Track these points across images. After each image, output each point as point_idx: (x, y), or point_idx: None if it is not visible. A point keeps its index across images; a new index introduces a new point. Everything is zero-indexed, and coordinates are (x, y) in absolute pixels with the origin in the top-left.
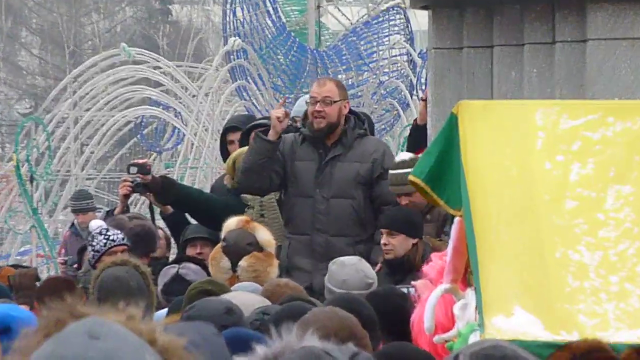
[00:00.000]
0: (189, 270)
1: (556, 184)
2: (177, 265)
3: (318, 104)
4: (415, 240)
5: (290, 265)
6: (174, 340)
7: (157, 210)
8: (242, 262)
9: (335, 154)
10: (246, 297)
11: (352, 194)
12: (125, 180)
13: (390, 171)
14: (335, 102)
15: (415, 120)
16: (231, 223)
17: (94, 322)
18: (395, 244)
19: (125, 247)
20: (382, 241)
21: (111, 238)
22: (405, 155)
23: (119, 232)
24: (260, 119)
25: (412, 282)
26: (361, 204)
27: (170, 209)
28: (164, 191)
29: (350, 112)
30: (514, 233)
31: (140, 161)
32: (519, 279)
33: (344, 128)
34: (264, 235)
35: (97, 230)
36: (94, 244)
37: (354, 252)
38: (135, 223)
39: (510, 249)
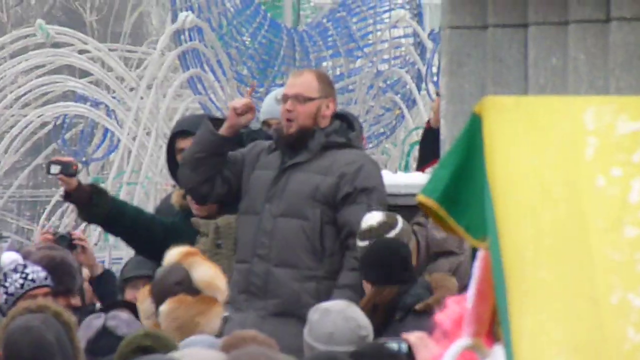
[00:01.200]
0: (120, 321)
1: (612, 206)
2: (103, 315)
3: (289, 102)
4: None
5: (229, 303)
6: None
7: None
8: (163, 306)
9: (296, 161)
10: (201, 356)
11: (305, 214)
12: (45, 232)
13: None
14: (310, 99)
15: (428, 122)
16: (172, 255)
17: None
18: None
19: (49, 289)
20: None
21: (30, 277)
22: (376, 218)
23: (40, 268)
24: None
25: (404, 335)
26: (316, 229)
27: (98, 269)
28: (92, 205)
29: (339, 115)
30: (556, 271)
31: (64, 159)
32: (563, 333)
33: (314, 129)
34: (203, 273)
35: (12, 266)
36: (7, 284)
37: (300, 290)
38: (42, 254)
39: (551, 292)
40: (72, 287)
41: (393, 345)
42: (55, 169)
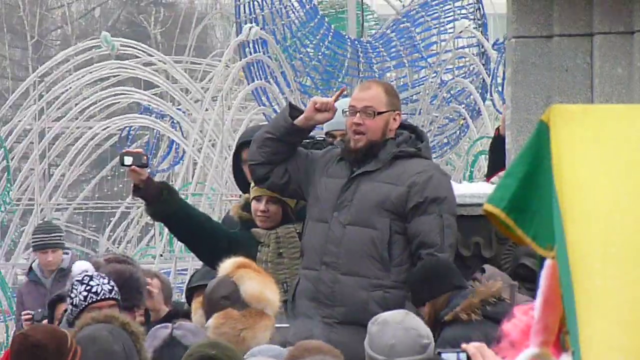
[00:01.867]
0: (186, 330)
1: None
2: (170, 325)
3: (358, 115)
4: (425, 308)
5: (293, 309)
6: None
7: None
8: (210, 321)
9: (366, 170)
10: None
11: (374, 223)
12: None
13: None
14: (380, 113)
15: (497, 129)
16: (224, 267)
17: None
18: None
19: (115, 302)
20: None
21: (94, 290)
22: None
23: (106, 281)
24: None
25: (463, 346)
26: (385, 238)
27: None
28: (161, 201)
29: (404, 126)
30: (626, 279)
31: (134, 150)
32: (631, 341)
33: (386, 139)
34: (252, 286)
35: (80, 277)
36: (73, 295)
37: (367, 299)
38: (111, 268)
39: (619, 300)
40: (138, 303)
41: (451, 355)
42: (128, 160)
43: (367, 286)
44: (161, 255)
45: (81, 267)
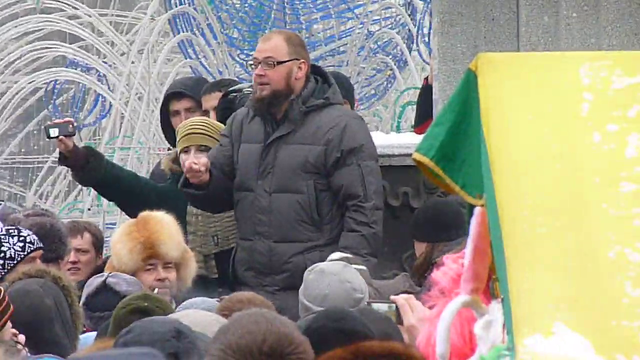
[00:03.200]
0: (120, 279)
1: (608, 161)
2: (105, 273)
3: (259, 66)
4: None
5: (235, 279)
6: None
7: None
8: None
9: (281, 134)
10: (199, 317)
11: (299, 187)
12: None
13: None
14: (281, 62)
15: (426, 79)
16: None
17: None
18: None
19: (42, 251)
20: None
21: (28, 240)
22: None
23: (31, 232)
24: (229, 80)
25: (392, 297)
26: (312, 200)
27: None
28: (88, 168)
29: (317, 72)
30: (553, 227)
31: (60, 120)
32: (561, 288)
33: (291, 99)
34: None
35: (5, 230)
36: (5, 249)
37: (304, 262)
38: (32, 221)
39: (549, 247)
40: (62, 253)
41: (382, 306)
42: (54, 132)
43: (302, 250)
44: (89, 209)
45: None
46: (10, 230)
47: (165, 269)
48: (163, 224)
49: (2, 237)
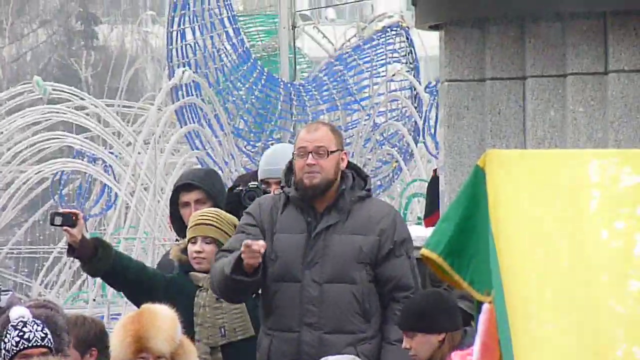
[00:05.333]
0: None
1: (616, 259)
2: None
3: (310, 156)
4: (440, 336)
5: None
6: None
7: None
8: None
9: (330, 223)
10: None
11: (352, 277)
12: None
13: None
14: (331, 152)
15: (435, 170)
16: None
17: None
18: (416, 346)
19: (47, 350)
20: (403, 345)
21: (26, 337)
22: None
23: (40, 328)
24: (246, 178)
25: None
26: (364, 290)
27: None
28: (96, 258)
29: (348, 165)
30: (561, 324)
31: (65, 210)
32: None
33: (342, 189)
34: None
35: (14, 323)
36: (6, 340)
37: (357, 354)
38: (32, 313)
39: (557, 343)
40: (61, 346)
41: None
42: (58, 220)
43: (353, 341)
44: (94, 300)
45: (17, 312)
46: (18, 324)
47: None
48: (157, 317)
49: (9, 329)
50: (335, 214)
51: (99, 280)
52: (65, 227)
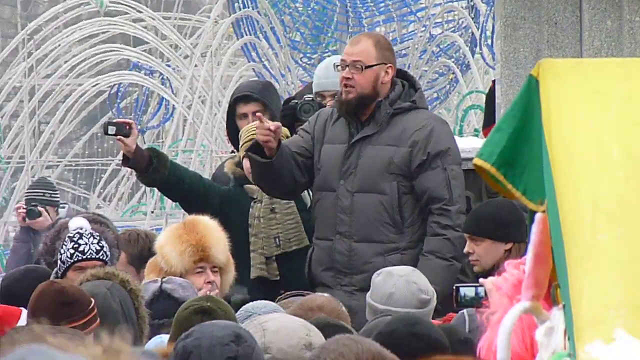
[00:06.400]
0: (176, 284)
1: None
2: (159, 279)
3: (347, 69)
4: (507, 245)
5: (311, 279)
6: None
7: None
8: None
9: (365, 135)
10: (286, 321)
11: (382, 188)
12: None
13: None
14: (369, 67)
15: (494, 81)
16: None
17: (31, 354)
18: (481, 252)
19: (102, 263)
20: (465, 249)
21: (81, 249)
22: None
23: (97, 240)
24: (305, 91)
25: (481, 280)
26: (394, 201)
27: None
28: (151, 169)
29: (403, 76)
30: (616, 232)
31: (119, 120)
32: (623, 294)
33: (379, 101)
34: None
35: (72, 234)
36: (62, 252)
37: (384, 264)
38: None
39: (611, 253)
40: (110, 261)
41: (469, 290)
42: (111, 129)
43: (382, 251)
44: (152, 212)
45: (76, 223)
46: (75, 236)
47: (213, 273)
48: (211, 228)
49: (66, 240)
50: (373, 125)
51: (157, 192)
52: (119, 137)
